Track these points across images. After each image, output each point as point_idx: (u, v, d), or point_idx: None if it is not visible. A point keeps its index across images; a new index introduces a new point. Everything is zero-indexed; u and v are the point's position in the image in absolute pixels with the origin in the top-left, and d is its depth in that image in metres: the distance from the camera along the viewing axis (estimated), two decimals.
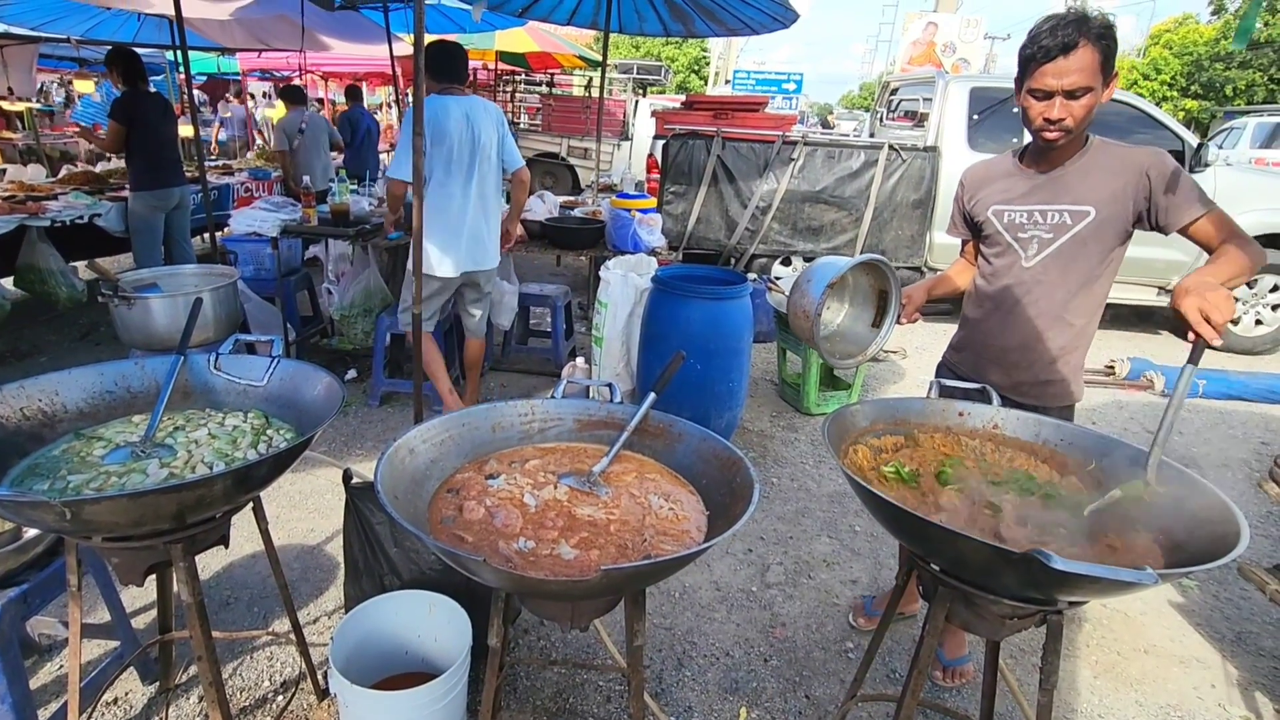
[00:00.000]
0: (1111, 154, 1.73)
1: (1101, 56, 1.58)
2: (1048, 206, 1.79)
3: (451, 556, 1.13)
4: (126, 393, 1.64)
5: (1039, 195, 1.80)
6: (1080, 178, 1.74)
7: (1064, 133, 1.66)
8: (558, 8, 5.41)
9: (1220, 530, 1.23)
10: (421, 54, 2.72)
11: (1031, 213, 1.81)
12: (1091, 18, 1.59)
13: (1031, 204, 1.81)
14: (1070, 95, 1.62)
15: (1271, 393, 4.69)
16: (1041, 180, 1.80)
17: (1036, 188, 1.80)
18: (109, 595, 1.91)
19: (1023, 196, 1.82)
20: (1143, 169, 1.67)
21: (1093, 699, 2.20)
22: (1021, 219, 1.83)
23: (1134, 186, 1.68)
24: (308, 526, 2.85)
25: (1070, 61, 1.58)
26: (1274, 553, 2.99)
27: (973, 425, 1.72)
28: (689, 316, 3.30)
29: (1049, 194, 1.79)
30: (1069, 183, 1.76)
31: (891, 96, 7.61)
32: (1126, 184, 1.69)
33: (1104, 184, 1.71)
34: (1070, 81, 1.60)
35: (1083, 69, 1.58)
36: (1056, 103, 1.63)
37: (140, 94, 4.43)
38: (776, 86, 19.98)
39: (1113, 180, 1.70)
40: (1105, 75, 1.62)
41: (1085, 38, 1.56)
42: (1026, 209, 1.82)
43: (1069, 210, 1.76)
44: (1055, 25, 1.60)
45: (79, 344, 4.73)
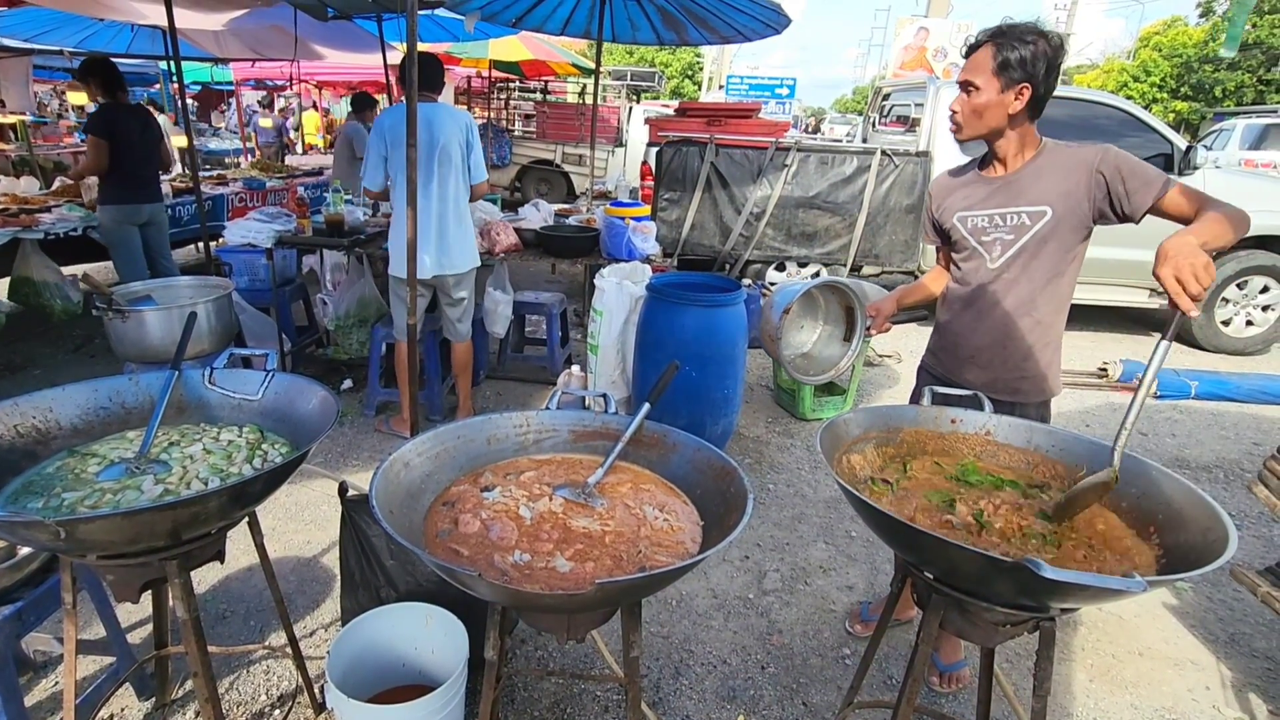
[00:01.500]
0: (1062, 154, 1.81)
1: (996, 59, 1.71)
2: (1007, 209, 1.86)
3: (447, 572, 1.13)
4: (121, 408, 1.65)
5: (997, 199, 1.87)
6: (1034, 180, 1.82)
7: (955, 126, 1.82)
8: (551, 18, 5.43)
9: (1210, 536, 1.24)
10: (415, 64, 2.74)
11: (992, 216, 1.88)
12: (1011, 31, 1.71)
13: (991, 208, 1.88)
14: (964, 88, 1.77)
15: (1263, 393, 4.71)
16: (998, 184, 1.87)
17: (994, 192, 1.88)
18: (104, 611, 1.90)
19: (982, 201, 1.90)
20: (1092, 166, 1.73)
21: (1088, 702, 2.21)
22: (984, 223, 1.90)
23: (1086, 184, 1.75)
24: (304, 539, 2.84)
25: (971, 60, 1.76)
26: (1266, 554, 3.01)
27: (965, 432, 1.73)
28: (684, 324, 3.31)
29: (1006, 197, 1.86)
30: (1024, 185, 1.83)
31: (884, 102, 7.65)
32: (1078, 182, 1.76)
33: (1057, 183, 1.79)
34: (964, 75, 1.77)
35: (977, 66, 1.74)
36: (959, 96, 1.80)
37: (119, 106, 4.28)
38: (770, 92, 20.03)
39: (1065, 179, 1.78)
40: (1004, 78, 1.72)
41: (990, 40, 1.73)
42: (987, 213, 1.89)
43: (1027, 211, 1.83)
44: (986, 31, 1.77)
45: (73, 357, 4.72)
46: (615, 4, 5.19)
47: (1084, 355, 5.41)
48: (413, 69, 2.71)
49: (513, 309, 4.35)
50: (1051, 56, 1.70)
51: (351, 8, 5.33)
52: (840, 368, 2.06)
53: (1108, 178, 1.71)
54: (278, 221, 4.19)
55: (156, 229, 4.56)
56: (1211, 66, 25.18)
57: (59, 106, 14.08)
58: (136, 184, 4.36)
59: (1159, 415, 4.52)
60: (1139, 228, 1.81)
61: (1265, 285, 5.70)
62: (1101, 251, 5.54)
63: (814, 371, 2.08)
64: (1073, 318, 2.02)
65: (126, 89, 4.38)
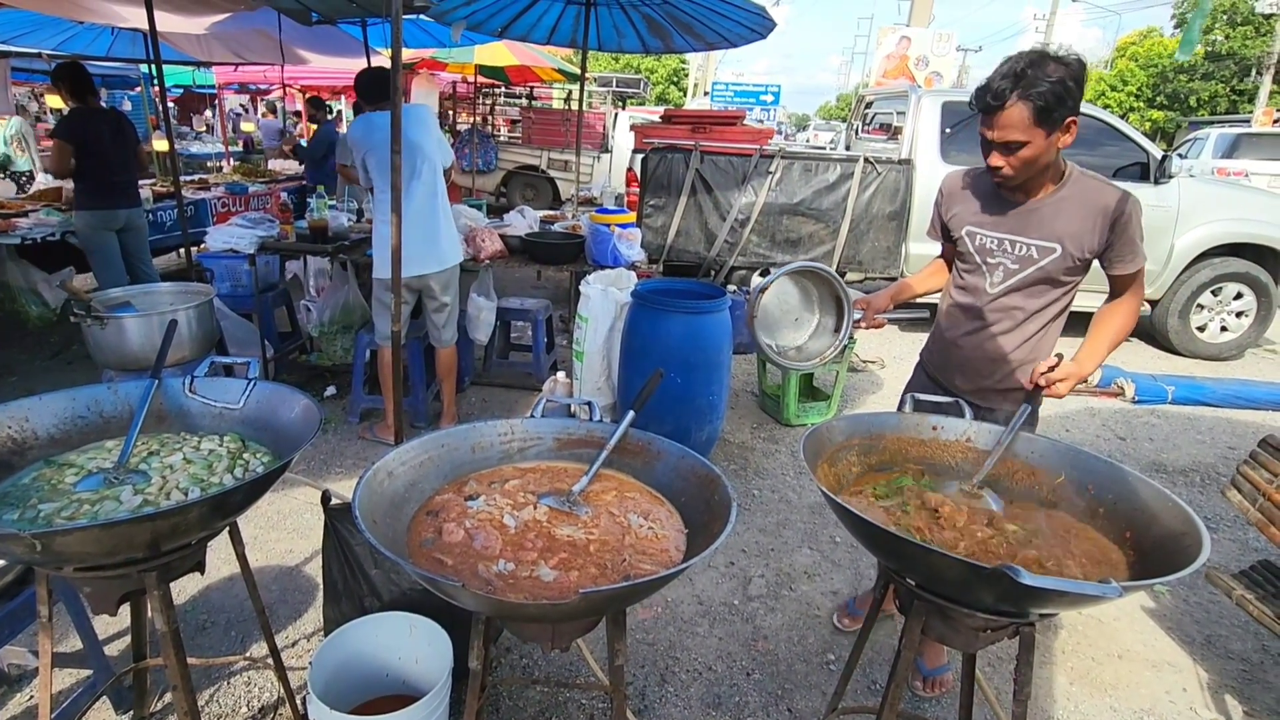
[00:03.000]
0: (1085, 190, 1.76)
1: (1034, 111, 1.60)
2: (1018, 238, 1.83)
3: (431, 582, 1.13)
4: (99, 417, 1.62)
5: (1011, 224, 1.84)
6: (1053, 213, 1.78)
7: (1004, 180, 1.73)
8: (536, 26, 5.44)
9: (1185, 541, 1.26)
10: (399, 71, 2.73)
11: (1002, 241, 1.86)
12: (1033, 70, 1.59)
13: (1003, 232, 1.85)
14: (1005, 147, 1.67)
15: (1237, 398, 4.81)
16: (1016, 210, 1.83)
17: (1010, 216, 1.84)
18: (81, 623, 1.87)
19: (996, 223, 1.86)
20: (1110, 215, 1.72)
21: (1068, 705, 2.24)
22: (992, 245, 1.88)
23: (1101, 227, 1.74)
24: (286, 547, 2.82)
25: (1001, 118, 1.63)
26: (1241, 558, 3.06)
27: (946, 439, 1.75)
28: (669, 330, 3.32)
29: (1021, 225, 1.82)
30: (1042, 217, 1.79)
31: (866, 110, 7.74)
32: (1096, 225, 1.75)
33: (1074, 221, 1.76)
34: (1000, 135, 1.65)
35: (1013, 125, 1.62)
36: (995, 154, 1.69)
37: (89, 111, 4.21)
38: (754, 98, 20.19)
39: (1083, 219, 1.75)
40: (1048, 124, 1.62)
41: (1016, 93, 1.59)
42: (998, 236, 1.86)
43: (1037, 245, 1.81)
44: (996, 74, 1.63)
45: (50, 363, 4.64)
46: (600, 12, 5.21)
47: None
48: (396, 76, 2.71)
49: (498, 315, 4.34)
50: (1081, 77, 1.62)
51: (335, 12, 5.31)
52: (826, 356, 2.07)
53: (1115, 229, 1.73)
54: (260, 227, 4.16)
55: (135, 234, 4.49)
56: (1186, 76, 25.72)
57: (38, 109, 13.89)
58: (111, 189, 4.29)
59: (1137, 420, 4.59)
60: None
61: (1239, 292, 5.81)
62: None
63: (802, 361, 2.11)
64: None
65: (97, 93, 4.31)
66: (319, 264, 5.07)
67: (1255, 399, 4.82)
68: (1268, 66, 21.95)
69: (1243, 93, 24.95)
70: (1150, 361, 5.83)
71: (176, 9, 4.93)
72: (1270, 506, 2.12)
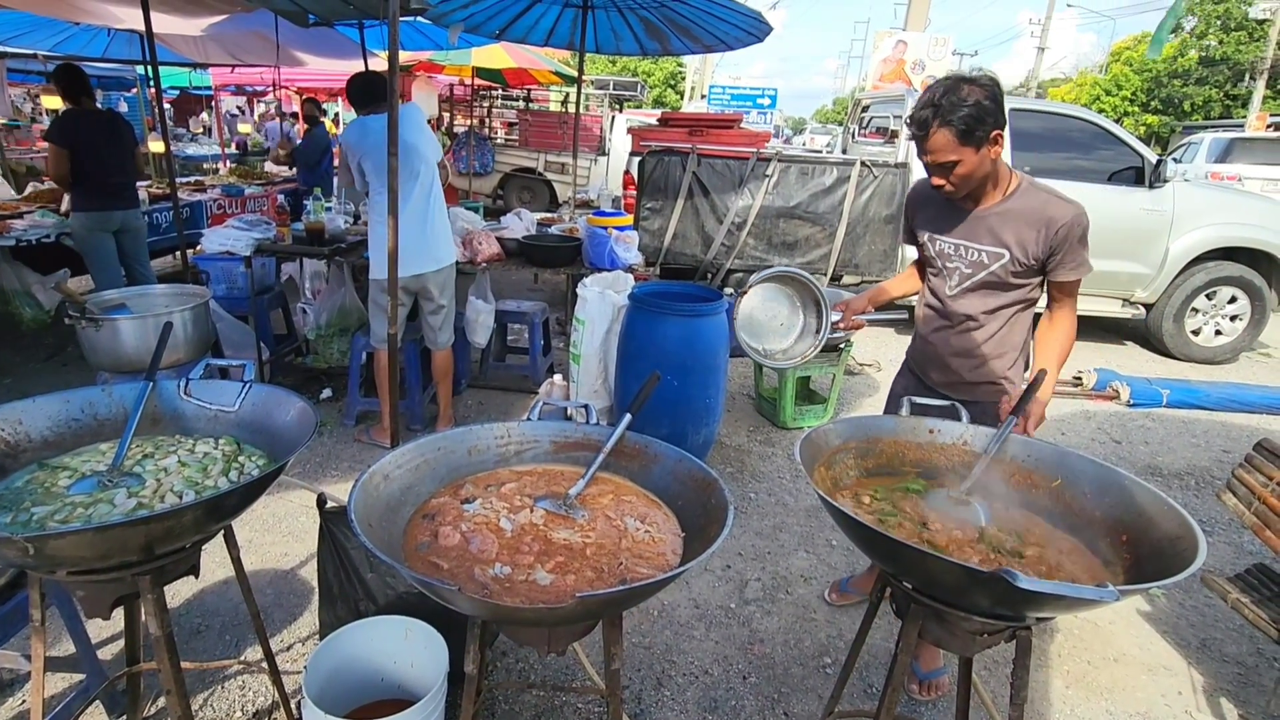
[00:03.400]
0: (1032, 201, 1.87)
1: (957, 134, 1.73)
2: (970, 244, 1.95)
3: (426, 586, 1.13)
4: (94, 420, 1.62)
5: (964, 230, 1.96)
6: (1000, 221, 1.89)
7: (950, 194, 1.86)
8: (534, 29, 5.45)
9: (1181, 544, 1.27)
10: (396, 74, 2.74)
11: (957, 246, 1.98)
12: (947, 99, 1.71)
13: (958, 238, 1.97)
14: (940, 167, 1.80)
15: (1232, 401, 4.82)
16: (968, 217, 1.94)
17: (963, 223, 1.96)
18: (74, 627, 1.86)
19: (952, 229, 1.99)
20: (1054, 226, 1.82)
21: (1064, 708, 2.24)
22: (949, 249, 2.00)
23: (1044, 237, 1.84)
24: (281, 550, 2.80)
25: (929, 143, 1.77)
26: (1236, 561, 3.07)
27: (942, 442, 1.75)
28: (666, 333, 3.32)
29: (972, 231, 1.94)
30: (991, 224, 1.91)
31: (863, 114, 7.76)
32: (1039, 235, 1.85)
33: (1019, 230, 1.87)
34: (933, 158, 1.79)
35: (942, 148, 1.76)
36: (936, 173, 1.83)
37: (82, 113, 4.18)
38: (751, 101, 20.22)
39: (1027, 229, 1.86)
40: (974, 142, 1.74)
41: (938, 120, 1.73)
42: (953, 241, 1.98)
43: (986, 251, 1.92)
44: (918, 105, 1.77)
45: (45, 366, 4.62)
46: (598, 15, 5.22)
47: None
48: (394, 78, 2.71)
49: (495, 318, 4.34)
50: (996, 93, 1.74)
51: (332, 14, 5.30)
52: (807, 355, 2.22)
53: (1057, 240, 1.83)
54: (257, 229, 4.15)
55: (132, 236, 4.47)
56: (1180, 81, 25.85)
57: (33, 110, 13.84)
58: (107, 190, 4.27)
59: (1132, 423, 4.60)
60: (1113, 239, 1.91)
61: (1233, 295, 5.84)
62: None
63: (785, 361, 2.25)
64: None
65: (93, 95, 4.29)
66: (315, 266, 5.06)
67: (1250, 402, 4.83)
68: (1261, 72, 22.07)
69: (1236, 98, 25.09)
70: (1145, 365, 5.85)
71: (173, 10, 4.92)
72: (1265, 510, 2.13)
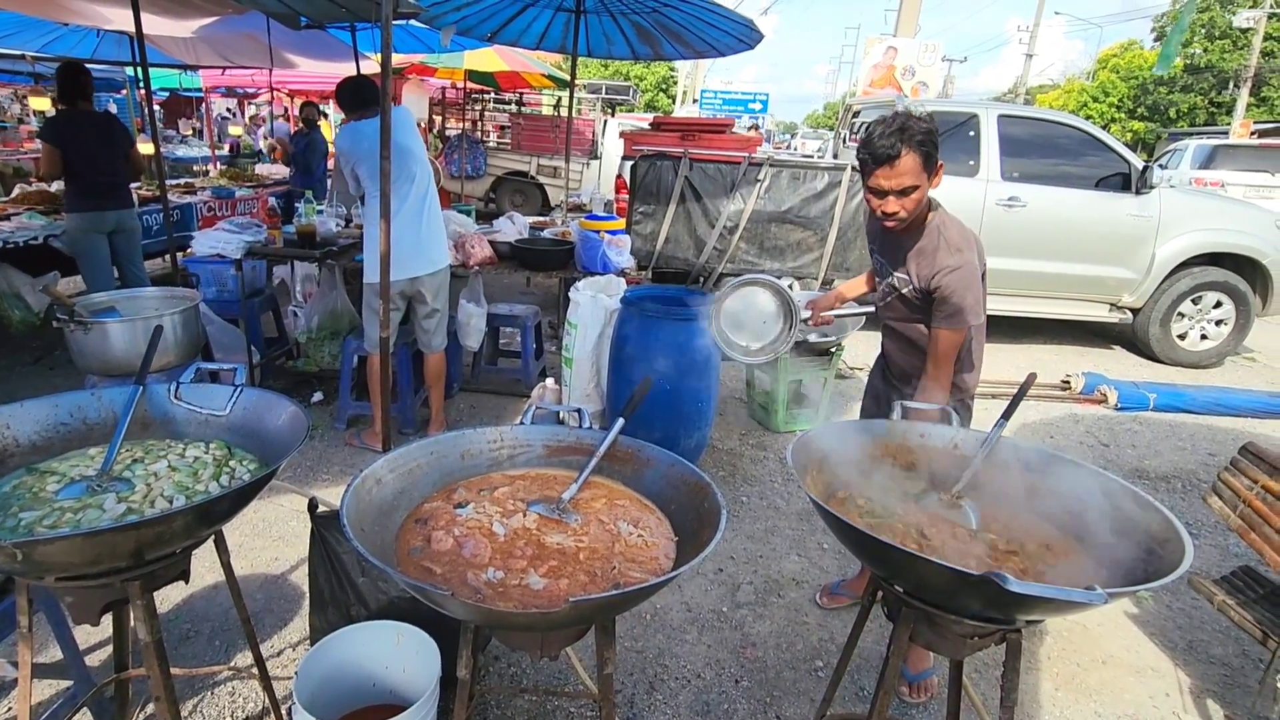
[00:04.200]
0: (933, 240, 1.97)
1: (923, 158, 1.83)
2: (889, 267, 2.10)
3: (419, 590, 1.12)
4: (83, 424, 1.61)
5: (887, 253, 2.11)
6: (912, 252, 2.02)
7: (899, 223, 1.94)
8: (526, 32, 5.46)
9: (1168, 548, 1.28)
10: (389, 76, 2.73)
11: (883, 264, 2.13)
12: (910, 124, 1.82)
13: (883, 258, 2.15)
14: (901, 193, 1.87)
15: (1218, 405, 4.88)
16: (892, 240, 2.07)
17: (887, 246, 2.10)
18: (61, 633, 1.84)
19: (881, 248, 2.15)
20: (933, 271, 1.95)
21: (1054, 710, 2.25)
22: (878, 265, 2.19)
23: (927, 278, 1.97)
24: (272, 555, 2.79)
25: (896, 167, 1.83)
26: (1222, 563, 3.10)
27: (934, 445, 1.77)
28: (658, 337, 3.33)
29: (893, 255, 2.08)
30: (905, 253, 2.04)
31: (854, 119, 7.80)
32: (926, 274, 1.98)
33: (919, 266, 2.01)
34: (899, 183, 1.86)
35: (908, 171, 1.83)
36: (890, 200, 1.89)
37: (76, 113, 4.19)
38: (743, 106, 20.34)
39: (924, 267, 1.98)
40: (930, 169, 1.87)
41: (906, 145, 1.81)
42: (881, 260, 2.16)
43: (898, 276, 2.07)
44: (881, 133, 1.83)
45: (33, 369, 4.58)
46: (590, 19, 5.24)
47: (1048, 368, 5.54)
48: (387, 80, 2.70)
49: (487, 321, 4.33)
50: (936, 130, 1.87)
51: (324, 16, 5.29)
52: (778, 350, 2.39)
53: (933, 293, 1.95)
54: (247, 232, 4.13)
55: (126, 236, 4.46)
56: (1166, 88, 26.17)
57: (20, 111, 13.72)
58: (100, 191, 4.26)
59: (1120, 427, 4.65)
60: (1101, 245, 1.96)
61: (1218, 300, 5.91)
62: (1064, 267, 5.77)
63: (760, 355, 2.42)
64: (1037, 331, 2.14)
65: (89, 97, 4.28)
66: (306, 269, 5.03)
67: (1235, 406, 4.89)
68: (1245, 79, 22.39)
69: (1220, 105, 25.42)
70: (1132, 369, 5.91)
71: (163, 12, 4.90)
72: (1250, 513, 2.15)
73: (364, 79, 3.55)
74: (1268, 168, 11.53)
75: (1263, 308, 5.94)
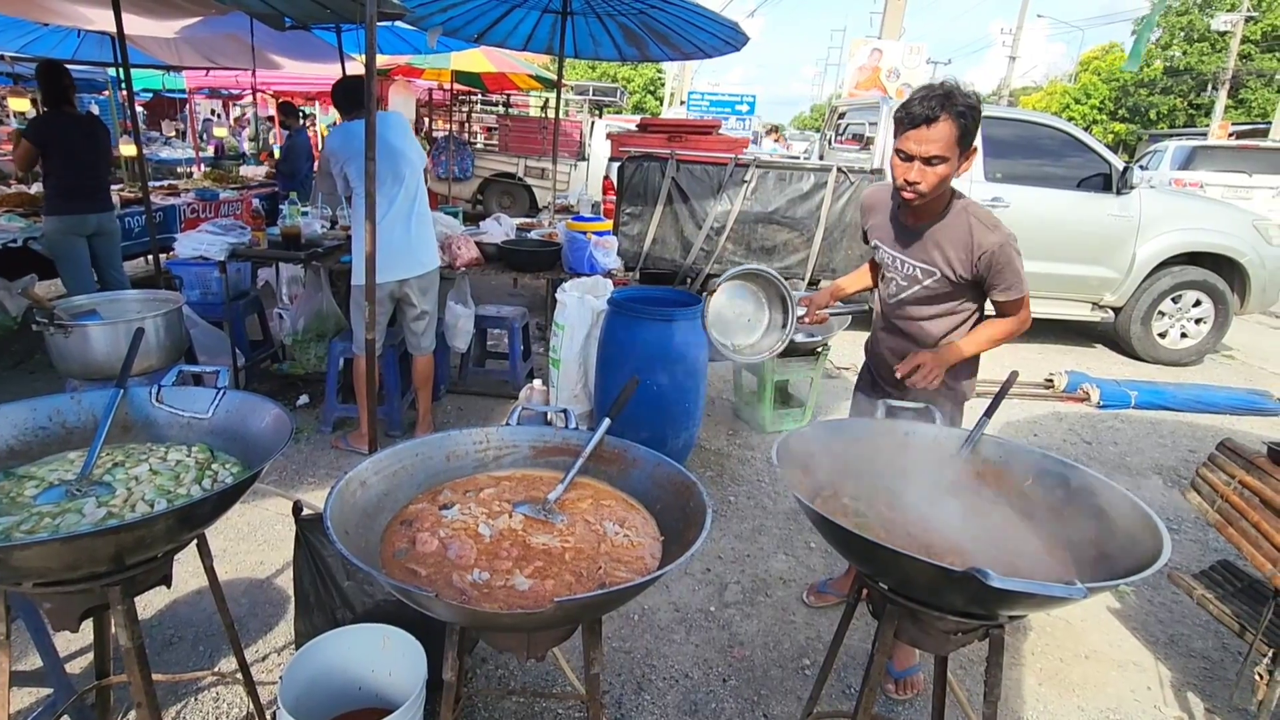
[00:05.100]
0: (963, 225, 1.91)
1: (959, 131, 1.76)
2: (906, 258, 2.02)
3: (403, 592, 1.12)
4: (62, 428, 1.59)
5: (902, 243, 2.02)
6: (933, 241, 1.96)
7: (918, 195, 1.85)
8: (513, 33, 5.45)
9: (1146, 544, 1.30)
10: (373, 78, 2.72)
11: (895, 258, 2.05)
12: (956, 94, 1.75)
13: (896, 250, 2.04)
14: (927, 162, 1.79)
15: (1197, 402, 4.95)
16: (907, 230, 2.00)
17: (901, 236, 2.03)
18: (40, 640, 1.81)
19: (892, 241, 2.05)
20: (978, 253, 1.89)
21: (1037, 705, 2.28)
22: (888, 259, 2.08)
23: (970, 262, 1.91)
24: (256, 559, 2.76)
25: (931, 132, 1.76)
26: (1201, 558, 3.15)
27: (917, 443, 1.78)
28: (645, 338, 3.34)
29: (909, 246, 2.01)
30: (924, 243, 1.97)
31: (839, 121, 7.85)
32: (966, 259, 1.91)
33: (948, 252, 1.94)
34: (927, 150, 1.77)
35: (940, 140, 1.76)
36: (915, 166, 1.81)
37: (60, 116, 4.15)
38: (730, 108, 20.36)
39: (956, 250, 1.92)
40: (962, 148, 1.80)
41: (947, 112, 1.74)
42: (893, 253, 2.06)
43: (920, 267, 1.99)
44: (925, 96, 1.76)
45: (11, 373, 4.51)
46: (577, 20, 5.24)
47: (1031, 367, 5.60)
48: (371, 82, 2.69)
49: (475, 323, 4.32)
50: (979, 110, 1.81)
51: (309, 17, 5.26)
52: (775, 349, 2.31)
53: (982, 267, 1.90)
54: (231, 234, 4.09)
55: (105, 239, 4.41)
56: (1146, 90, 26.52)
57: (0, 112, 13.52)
58: (81, 194, 4.23)
59: (1102, 424, 4.70)
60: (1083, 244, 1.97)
61: (1198, 299, 5.99)
62: (1047, 267, 5.83)
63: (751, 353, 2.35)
64: None
65: (72, 100, 4.24)
66: (291, 271, 5.00)
67: (1214, 403, 4.96)
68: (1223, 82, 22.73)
69: (1199, 107, 25.81)
70: (1114, 367, 5.98)
71: (145, 12, 4.85)
72: (1228, 507, 2.18)
73: (359, 79, 3.54)
74: (1245, 168, 11.71)
75: (1241, 306, 6.04)
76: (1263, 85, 24.48)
